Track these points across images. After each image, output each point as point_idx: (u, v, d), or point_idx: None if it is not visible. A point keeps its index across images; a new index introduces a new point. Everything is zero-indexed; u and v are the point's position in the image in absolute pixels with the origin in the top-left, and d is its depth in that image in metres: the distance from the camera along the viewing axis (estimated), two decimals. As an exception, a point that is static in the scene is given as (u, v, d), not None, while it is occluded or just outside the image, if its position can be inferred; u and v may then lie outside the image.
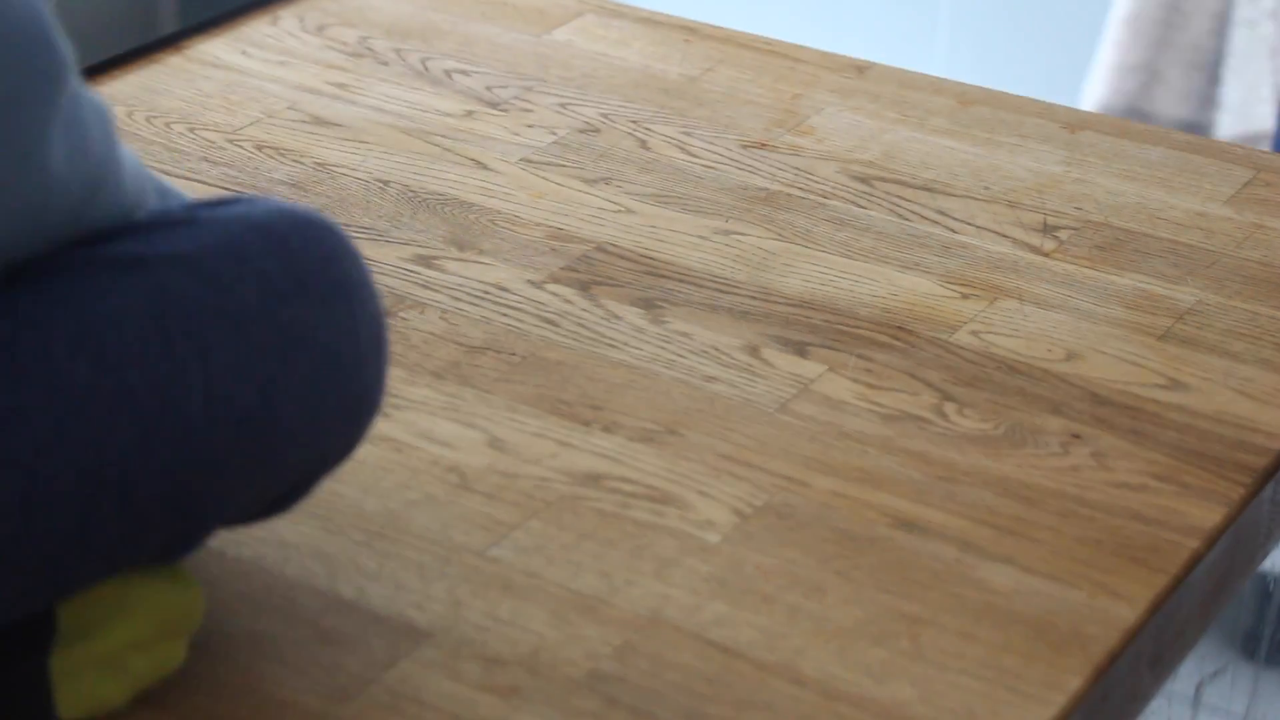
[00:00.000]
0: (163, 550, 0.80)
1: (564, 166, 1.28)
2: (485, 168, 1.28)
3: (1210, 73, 2.13)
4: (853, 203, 1.25)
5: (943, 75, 1.44)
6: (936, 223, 1.23)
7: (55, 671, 0.80)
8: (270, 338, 0.78)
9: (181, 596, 0.83)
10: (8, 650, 0.79)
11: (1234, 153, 1.33)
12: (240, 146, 1.30)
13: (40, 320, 0.75)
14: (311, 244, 0.81)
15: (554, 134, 1.32)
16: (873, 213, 1.24)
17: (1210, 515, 0.96)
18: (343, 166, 1.28)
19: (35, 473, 0.73)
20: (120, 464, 0.75)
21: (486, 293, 1.15)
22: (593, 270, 1.17)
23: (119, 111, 1.34)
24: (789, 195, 1.26)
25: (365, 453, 1.00)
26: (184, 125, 1.32)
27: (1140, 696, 0.92)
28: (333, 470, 0.85)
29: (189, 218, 0.80)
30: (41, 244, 0.76)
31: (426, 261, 1.17)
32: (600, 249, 1.19)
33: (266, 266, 0.79)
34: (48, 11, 0.75)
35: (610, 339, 1.10)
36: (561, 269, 1.17)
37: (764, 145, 1.32)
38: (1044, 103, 1.39)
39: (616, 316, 1.12)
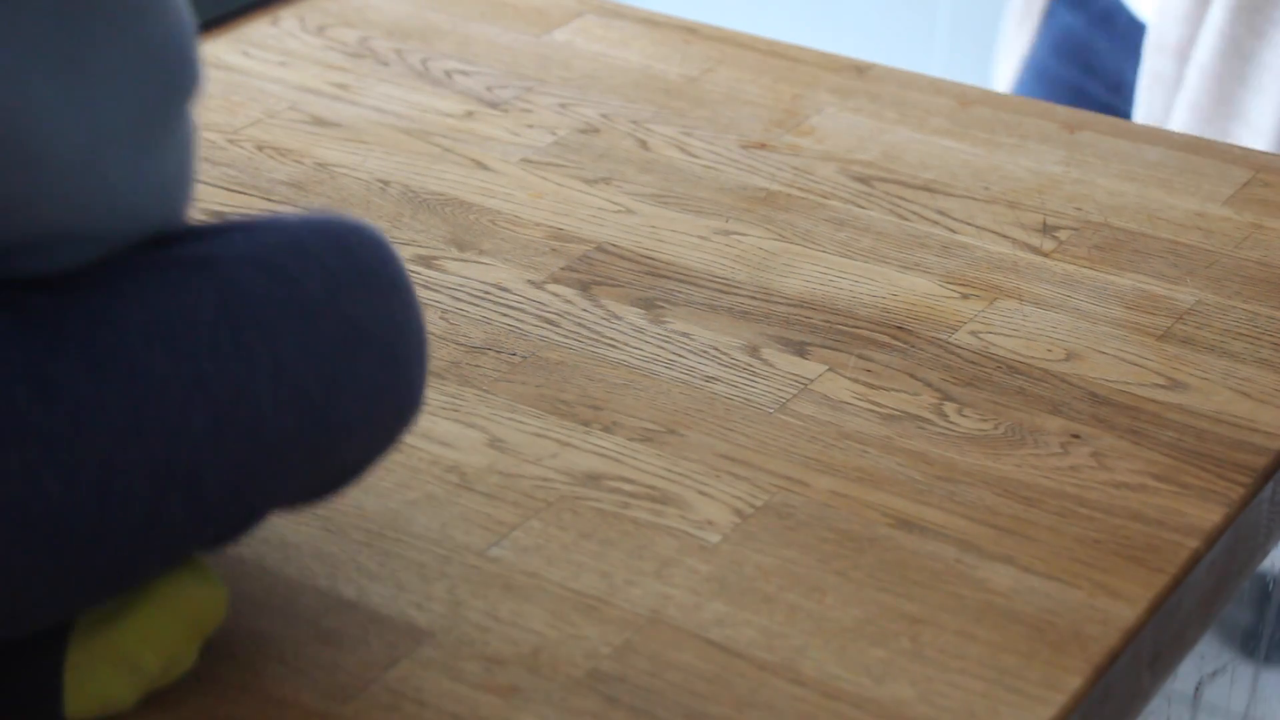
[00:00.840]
0: (215, 539, 0.81)
1: (564, 166, 1.28)
2: (485, 168, 1.28)
3: None
4: (853, 203, 1.25)
5: (943, 75, 1.44)
6: (936, 223, 1.23)
7: (68, 666, 0.80)
8: (335, 329, 0.80)
9: (206, 594, 0.83)
10: (23, 641, 0.80)
11: (1233, 153, 1.33)
12: (241, 147, 1.30)
13: (115, 315, 0.76)
14: (368, 244, 0.83)
15: (554, 134, 1.32)
16: (873, 213, 1.24)
17: (1210, 515, 0.96)
18: (343, 167, 1.28)
19: (112, 463, 0.74)
20: (192, 454, 0.76)
21: (487, 293, 1.15)
22: (593, 270, 1.17)
23: (119, 112, 1.34)
24: (789, 195, 1.26)
25: (365, 453, 1.00)
26: (184, 125, 1.32)
27: (1140, 696, 0.92)
28: (375, 464, 0.86)
29: (249, 223, 0.82)
30: (134, 240, 0.78)
31: (427, 261, 1.18)
32: (600, 249, 1.19)
33: (329, 262, 0.81)
34: (193, 29, 0.78)
35: (610, 339, 1.10)
36: (561, 269, 1.17)
37: (764, 145, 1.32)
38: (1044, 103, 1.39)
39: (616, 316, 1.12)
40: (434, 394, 1.05)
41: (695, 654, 0.86)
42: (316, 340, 0.79)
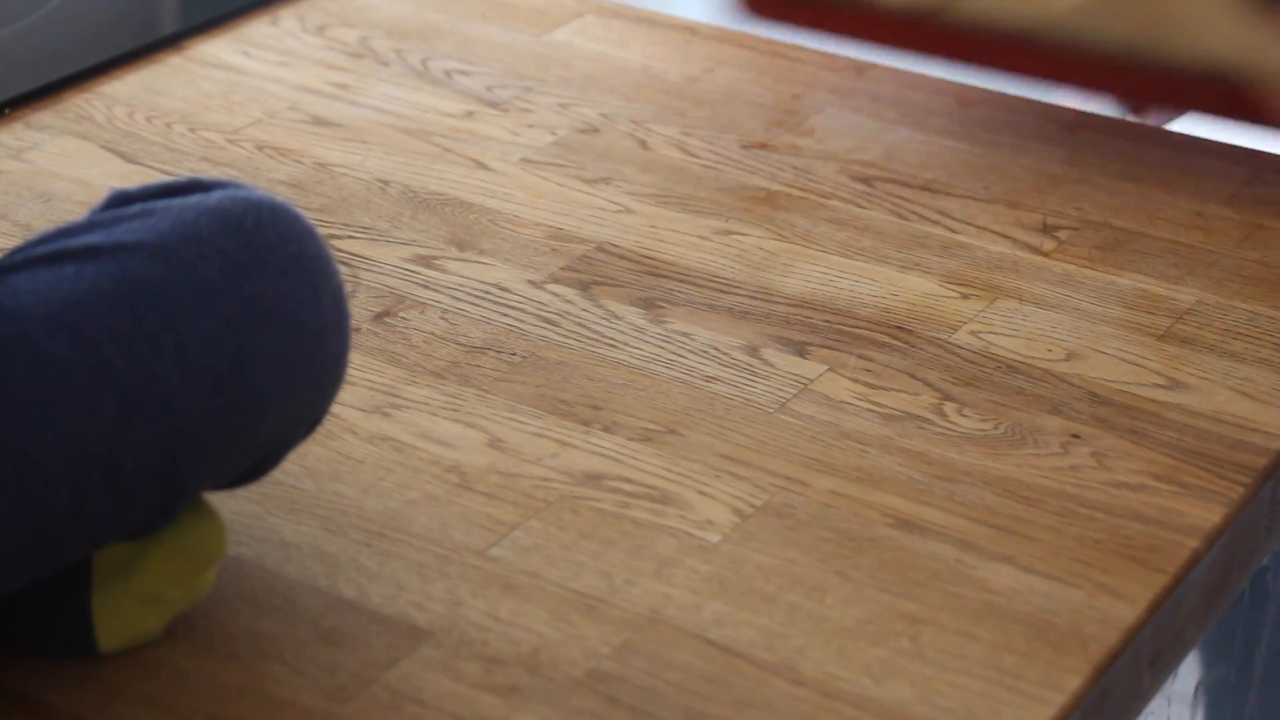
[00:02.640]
0: (142, 523, 0.81)
1: (564, 166, 1.28)
2: (485, 168, 1.28)
3: None
4: (853, 203, 1.25)
5: (943, 75, 1.44)
6: (937, 223, 1.23)
7: (94, 608, 0.84)
8: (236, 310, 0.81)
9: (206, 528, 0.86)
10: (50, 595, 0.83)
11: (1234, 153, 1.33)
12: (241, 146, 1.30)
13: (12, 309, 0.77)
14: (266, 223, 0.84)
15: (554, 134, 1.32)
16: (873, 213, 1.24)
17: (1210, 515, 0.96)
18: (343, 166, 1.28)
19: (26, 454, 0.75)
20: (106, 440, 0.77)
21: (487, 293, 1.15)
22: (593, 270, 1.17)
23: (119, 112, 1.34)
24: (789, 195, 1.26)
25: (365, 453, 1.00)
26: (184, 125, 1.32)
27: (1140, 696, 0.92)
28: (301, 441, 0.88)
29: (144, 211, 0.83)
30: None
31: (427, 261, 1.18)
32: (600, 249, 1.19)
33: (224, 245, 0.82)
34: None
35: (610, 339, 1.10)
36: (561, 269, 1.17)
37: (764, 145, 1.32)
38: (1044, 103, 1.39)
39: (616, 316, 1.12)
40: (434, 394, 1.05)
41: (695, 654, 0.86)
42: (217, 321, 0.80)
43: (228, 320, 0.81)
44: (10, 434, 0.75)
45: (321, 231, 0.89)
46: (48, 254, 0.80)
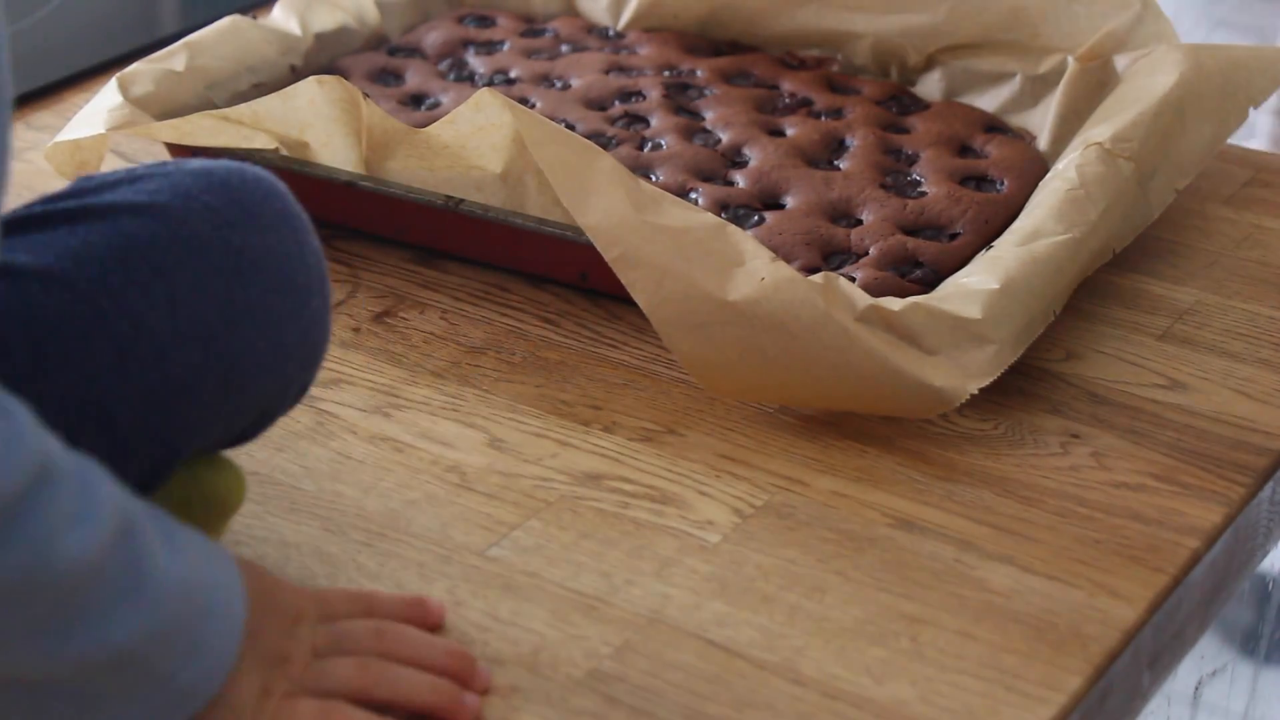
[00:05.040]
0: (139, 483, 0.81)
1: (564, 166, 1.28)
2: (485, 168, 1.28)
3: None
4: (852, 203, 1.25)
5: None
6: (936, 223, 1.23)
7: None
8: (226, 261, 0.82)
9: (225, 477, 0.88)
10: None
11: (1233, 153, 1.33)
12: (240, 146, 1.30)
13: (7, 263, 0.79)
14: (250, 183, 0.85)
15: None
16: (872, 213, 1.24)
17: (1209, 515, 0.96)
18: (343, 166, 1.28)
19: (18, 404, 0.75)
20: (100, 390, 0.79)
21: (487, 293, 1.15)
22: (593, 270, 1.17)
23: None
24: (789, 195, 1.26)
25: (365, 453, 1.00)
26: (184, 125, 1.32)
27: (1139, 696, 0.92)
28: (290, 408, 0.89)
29: (129, 177, 0.84)
30: None
31: (427, 261, 1.18)
32: (600, 249, 1.19)
33: (212, 201, 0.83)
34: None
35: (610, 339, 1.10)
36: (561, 269, 1.17)
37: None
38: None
39: (616, 316, 1.12)
40: (434, 394, 1.05)
41: (695, 654, 0.86)
42: (207, 273, 0.82)
43: (218, 271, 0.82)
44: (4, 383, 0.75)
45: (321, 232, 0.89)
46: (41, 215, 0.82)
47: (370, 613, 0.85)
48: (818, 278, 1.00)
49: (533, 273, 1.15)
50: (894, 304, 1.01)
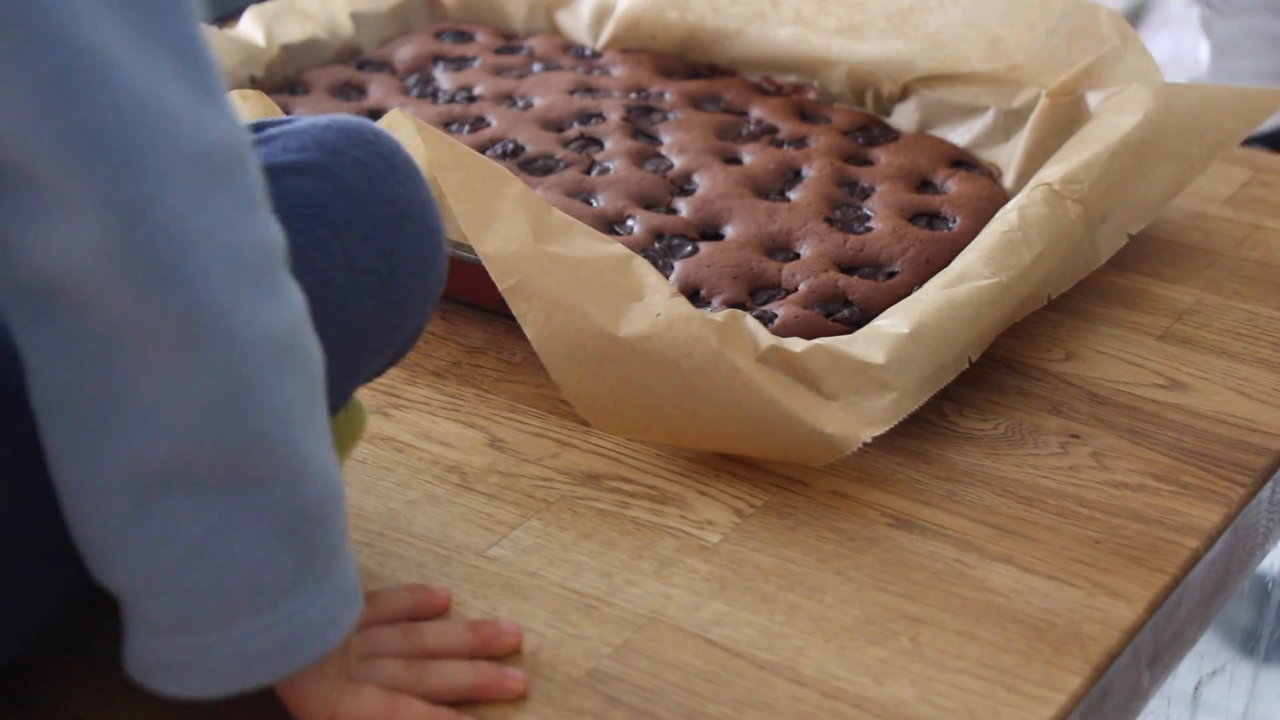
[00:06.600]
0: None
1: (564, 166, 1.28)
2: (485, 168, 1.28)
3: None
4: (852, 203, 1.25)
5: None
6: (936, 223, 1.23)
7: None
8: (382, 211, 0.85)
9: (355, 413, 0.93)
10: None
11: (1233, 153, 1.33)
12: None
13: None
14: (380, 135, 0.88)
15: (554, 134, 1.32)
16: (872, 213, 1.24)
17: (1209, 515, 0.96)
18: (343, 166, 1.27)
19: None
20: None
21: (486, 293, 1.15)
22: (593, 270, 1.16)
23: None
24: (789, 195, 1.26)
25: (365, 453, 1.00)
26: (184, 125, 1.32)
27: (1139, 696, 0.92)
28: (419, 338, 0.92)
29: (267, 136, 0.85)
30: None
31: (427, 261, 1.17)
32: (600, 249, 1.19)
33: (358, 155, 0.86)
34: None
35: (610, 339, 1.10)
36: (561, 269, 1.16)
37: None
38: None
39: (616, 316, 1.12)
40: (434, 394, 1.05)
41: (695, 654, 0.86)
42: (370, 224, 0.84)
43: (378, 223, 0.85)
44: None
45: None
46: None
47: (382, 615, 0.85)
48: (721, 315, 0.97)
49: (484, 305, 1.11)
50: (797, 345, 0.98)
